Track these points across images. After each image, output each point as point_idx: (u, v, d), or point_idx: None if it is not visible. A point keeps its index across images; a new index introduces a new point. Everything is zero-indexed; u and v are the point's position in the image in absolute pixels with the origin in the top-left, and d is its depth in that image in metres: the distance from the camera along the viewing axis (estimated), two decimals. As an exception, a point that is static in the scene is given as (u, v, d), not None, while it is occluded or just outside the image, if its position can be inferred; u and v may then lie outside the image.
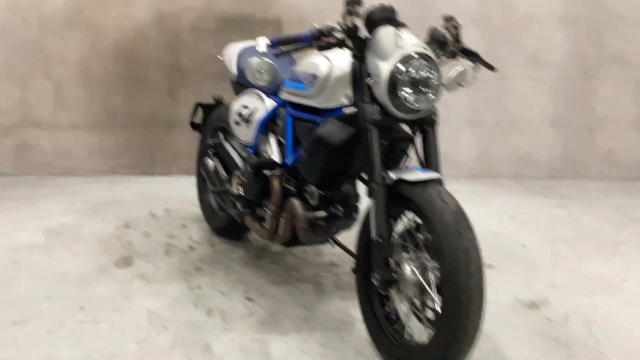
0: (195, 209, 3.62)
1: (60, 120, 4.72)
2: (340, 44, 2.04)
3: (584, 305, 2.59)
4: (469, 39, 4.29)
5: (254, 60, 2.09)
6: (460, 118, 4.66)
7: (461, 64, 2.41)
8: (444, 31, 2.22)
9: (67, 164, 4.79)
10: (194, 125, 3.43)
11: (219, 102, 3.36)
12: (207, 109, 3.40)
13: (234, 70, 2.99)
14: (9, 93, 4.67)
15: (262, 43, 2.05)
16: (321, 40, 2.02)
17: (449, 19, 2.22)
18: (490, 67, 2.39)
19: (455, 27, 2.22)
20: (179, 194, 4.16)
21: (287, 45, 2.06)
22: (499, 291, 2.70)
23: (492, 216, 3.79)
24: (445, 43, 2.22)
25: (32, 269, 2.95)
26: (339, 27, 2.03)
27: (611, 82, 4.57)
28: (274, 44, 2.06)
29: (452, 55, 2.27)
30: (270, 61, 2.09)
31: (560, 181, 4.65)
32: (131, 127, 4.72)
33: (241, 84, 2.95)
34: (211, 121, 3.31)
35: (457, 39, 2.22)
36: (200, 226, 3.54)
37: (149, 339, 2.30)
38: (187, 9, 4.52)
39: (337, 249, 2.67)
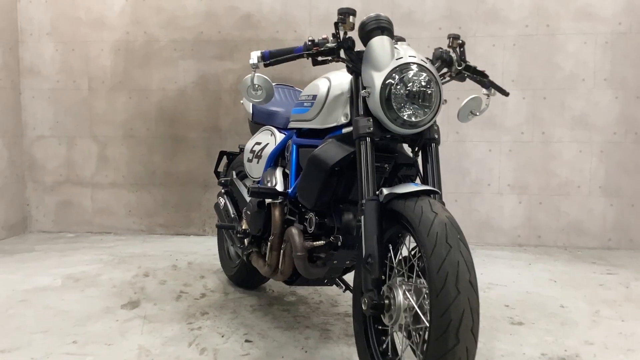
0: (218, 263, 3.53)
1: (101, 179, 4.82)
2: (331, 52, 1.97)
3: (621, 363, 2.27)
4: (511, 100, 4.23)
5: (247, 77, 2.04)
6: (502, 182, 4.45)
7: (474, 93, 2.32)
8: (449, 50, 2.12)
9: (105, 222, 4.84)
10: (218, 174, 3.41)
11: (243, 150, 3.32)
12: (232, 157, 3.37)
13: (249, 110, 2.96)
14: (56, 152, 4.83)
15: (254, 56, 2.00)
16: (313, 50, 1.96)
17: (454, 38, 2.12)
18: (503, 91, 2.27)
19: (461, 46, 2.12)
20: (206, 250, 4.12)
21: (280, 57, 2.00)
22: (525, 345, 2.44)
23: (532, 279, 3.50)
24: (451, 62, 2.12)
25: (38, 306, 2.90)
26: (331, 38, 1.97)
27: (667, 147, 4.28)
28: (266, 57, 2.01)
29: (460, 76, 2.16)
30: (263, 75, 2.03)
31: (614, 252, 4.29)
32: (169, 187, 4.76)
33: (257, 123, 2.92)
34: (233, 167, 3.27)
35: (462, 58, 2.12)
36: (219, 277, 3.44)
37: (131, 372, 2.16)
38: (228, 71, 4.63)
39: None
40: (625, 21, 4.27)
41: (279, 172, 2.51)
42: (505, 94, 2.29)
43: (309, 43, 1.98)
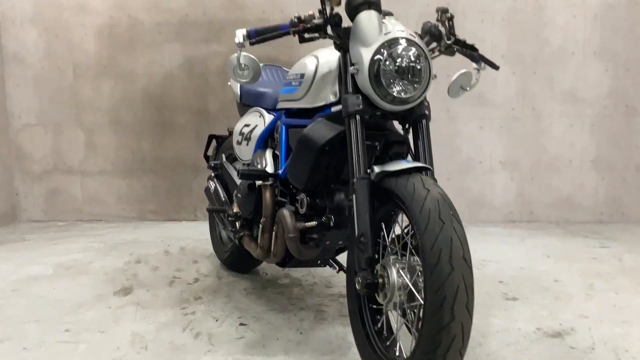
0: (211, 247, 3.51)
1: (90, 167, 4.76)
2: (318, 29, 1.94)
3: (616, 335, 2.28)
4: (501, 76, 4.20)
5: (232, 56, 2.00)
6: (494, 159, 4.44)
7: (464, 68, 2.29)
8: (438, 24, 2.09)
9: (96, 210, 4.79)
10: (207, 158, 3.37)
11: (232, 133, 3.29)
12: (221, 140, 3.33)
13: (237, 92, 2.92)
14: (43, 140, 4.76)
15: (239, 34, 1.96)
16: (300, 26, 1.92)
17: (443, 11, 2.09)
18: (493, 65, 2.24)
19: (450, 19, 2.08)
20: (199, 235, 4.08)
21: (266, 35, 1.96)
22: (520, 320, 2.45)
23: (526, 255, 3.50)
24: (440, 36, 2.08)
25: (29, 296, 2.87)
26: (318, 14, 1.93)
27: (657, 119, 4.28)
28: (251, 35, 1.97)
29: (449, 50, 2.13)
30: (250, 55, 1.99)
31: (607, 225, 4.30)
32: (159, 173, 4.71)
33: (245, 105, 2.88)
34: (222, 150, 3.23)
35: (451, 31, 2.08)
36: (212, 261, 3.42)
37: (124, 359, 2.13)
38: (215, 54, 4.57)
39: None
40: (614, -7, 4.24)
41: (268, 154, 2.48)
42: (496, 67, 2.26)
43: (295, 20, 1.95)
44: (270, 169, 2.41)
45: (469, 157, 4.47)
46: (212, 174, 3.08)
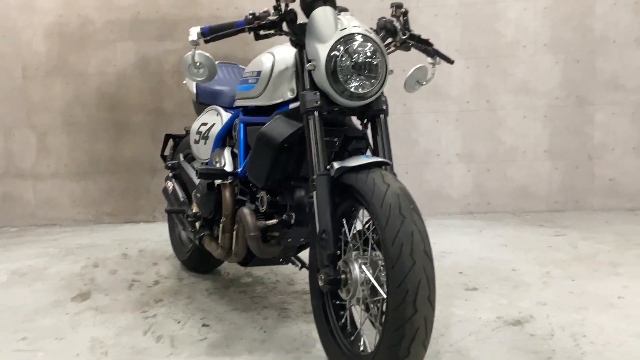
0: (170, 248, 3.46)
1: (43, 170, 4.65)
2: (274, 25, 1.92)
3: (574, 321, 2.33)
4: (456, 69, 4.25)
5: (187, 54, 1.97)
6: (451, 151, 4.49)
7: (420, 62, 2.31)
8: (393, 19, 2.10)
9: (50, 214, 4.68)
10: (165, 158, 3.32)
11: (189, 132, 3.24)
12: (178, 140, 3.29)
13: (193, 90, 2.88)
14: (-8, 144, 4.63)
15: (193, 32, 1.93)
16: (255, 23, 1.91)
17: (397, 7, 2.10)
18: (447, 59, 2.26)
19: (404, 14, 2.10)
20: (157, 236, 4.03)
21: (220, 32, 1.94)
22: (480, 310, 2.49)
23: (484, 245, 3.56)
24: (395, 32, 2.09)
25: (-18, 304, 2.78)
26: (272, 10, 1.92)
27: (607, 108, 4.39)
28: (206, 33, 1.94)
29: (404, 45, 2.14)
30: (204, 52, 1.96)
31: (561, 214, 4.41)
32: (115, 174, 4.63)
33: (202, 103, 2.85)
34: (179, 149, 3.19)
35: (406, 27, 2.10)
36: (172, 263, 3.37)
37: (84, 365, 2.09)
38: (169, 52, 4.50)
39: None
40: (562, -14, 4.34)
41: (227, 152, 2.45)
42: (450, 61, 2.28)
43: (250, 17, 1.93)
44: (229, 167, 2.38)
45: (427, 150, 4.52)
46: (170, 174, 3.03)
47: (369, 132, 2.05)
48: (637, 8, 4.33)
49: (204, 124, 2.69)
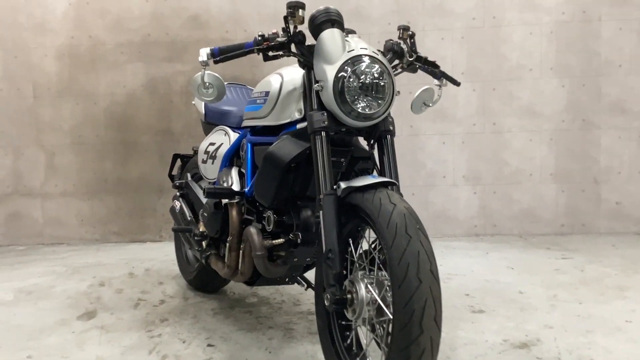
0: (177, 268, 3.47)
1: (51, 189, 4.68)
2: (282, 47, 1.95)
3: (580, 344, 2.32)
4: (462, 92, 4.28)
5: (197, 75, 1.99)
6: (457, 173, 4.50)
7: (426, 84, 2.33)
8: (400, 41, 2.12)
9: (57, 232, 4.70)
10: (172, 177, 3.34)
11: (197, 152, 3.27)
12: (186, 159, 3.31)
13: (202, 110, 2.91)
14: (2, 162, 4.67)
15: (203, 53, 1.96)
16: (264, 44, 1.93)
17: (404, 29, 2.13)
18: (454, 81, 2.28)
19: (411, 37, 2.12)
20: (164, 255, 4.05)
21: (230, 53, 1.97)
22: (487, 332, 2.47)
23: (490, 268, 3.55)
24: (402, 54, 2.12)
25: (-12, 322, 2.78)
26: (281, 32, 1.95)
27: (613, 132, 4.40)
28: (215, 54, 1.97)
29: (411, 67, 2.17)
30: (214, 73, 1.99)
31: (567, 237, 4.40)
32: (122, 193, 4.65)
33: (210, 123, 2.87)
34: (187, 169, 3.21)
35: (413, 49, 2.12)
36: (178, 282, 3.37)
37: (89, 383, 2.09)
38: (178, 73, 4.55)
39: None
40: (568, 10, 4.37)
41: (234, 172, 2.47)
42: (457, 83, 2.30)
43: (259, 38, 1.96)
44: (236, 187, 2.40)
45: (433, 172, 4.53)
46: (177, 193, 3.05)
47: (375, 152, 2.06)
48: (643, 33, 4.36)
49: (212, 144, 2.71)
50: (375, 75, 1.90)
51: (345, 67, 1.88)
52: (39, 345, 2.48)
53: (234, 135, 2.58)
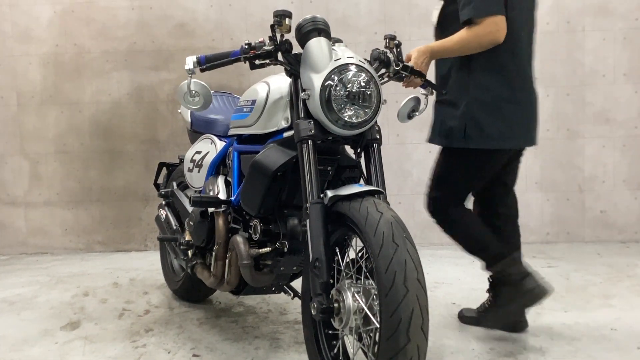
0: (162, 277, 3.44)
1: (35, 198, 4.63)
2: (269, 55, 1.95)
3: (567, 352, 2.33)
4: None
5: (183, 83, 1.99)
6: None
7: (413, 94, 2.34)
8: (386, 50, 2.13)
9: (41, 242, 4.64)
10: (158, 186, 3.32)
11: (183, 161, 3.25)
12: (172, 168, 3.29)
13: (188, 119, 2.90)
14: (-15, 171, 4.62)
15: (189, 61, 1.95)
16: (250, 53, 1.93)
17: (391, 39, 2.14)
18: (439, 90, 2.29)
19: (397, 46, 2.13)
20: (149, 265, 4.01)
21: (216, 62, 1.96)
22: (473, 341, 2.49)
23: (476, 276, 3.53)
24: (389, 63, 2.13)
25: (-30, 333, 2.74)
26: (268, 40, 1.95)
27: (597, 141, 4.44)
28: (202, 62, 1.97)
29: (398, 76, 2.18)
30: (200, 81, 1.99)
31: (553, 245, 4.42)
32: (107, 202, 4.61)
33: (196, 132, 2.86)
34: (173, 178, 3.19)
35: (399, 58, 2.13)
36: (163, 292, 3.34)
37: (73, 395, 2.06)
38: (164, 81, 4.54)
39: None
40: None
41: (221, 181, 2.46)
42: (442, 93, 2.31)
43: (246, 46, 1.96)
44: (222, 195, 2.39)
45: (420, 181, 4.53)
46: (163, 202, 3.03)
47: (362, 161, 2.06)
48: None
49: (198, 152, 2.70)
50: (362, 83, 1.90)
51: (332, 76, 1.88)
52: (22, 356, 2.45)
53: (220, 144, 2.57)
